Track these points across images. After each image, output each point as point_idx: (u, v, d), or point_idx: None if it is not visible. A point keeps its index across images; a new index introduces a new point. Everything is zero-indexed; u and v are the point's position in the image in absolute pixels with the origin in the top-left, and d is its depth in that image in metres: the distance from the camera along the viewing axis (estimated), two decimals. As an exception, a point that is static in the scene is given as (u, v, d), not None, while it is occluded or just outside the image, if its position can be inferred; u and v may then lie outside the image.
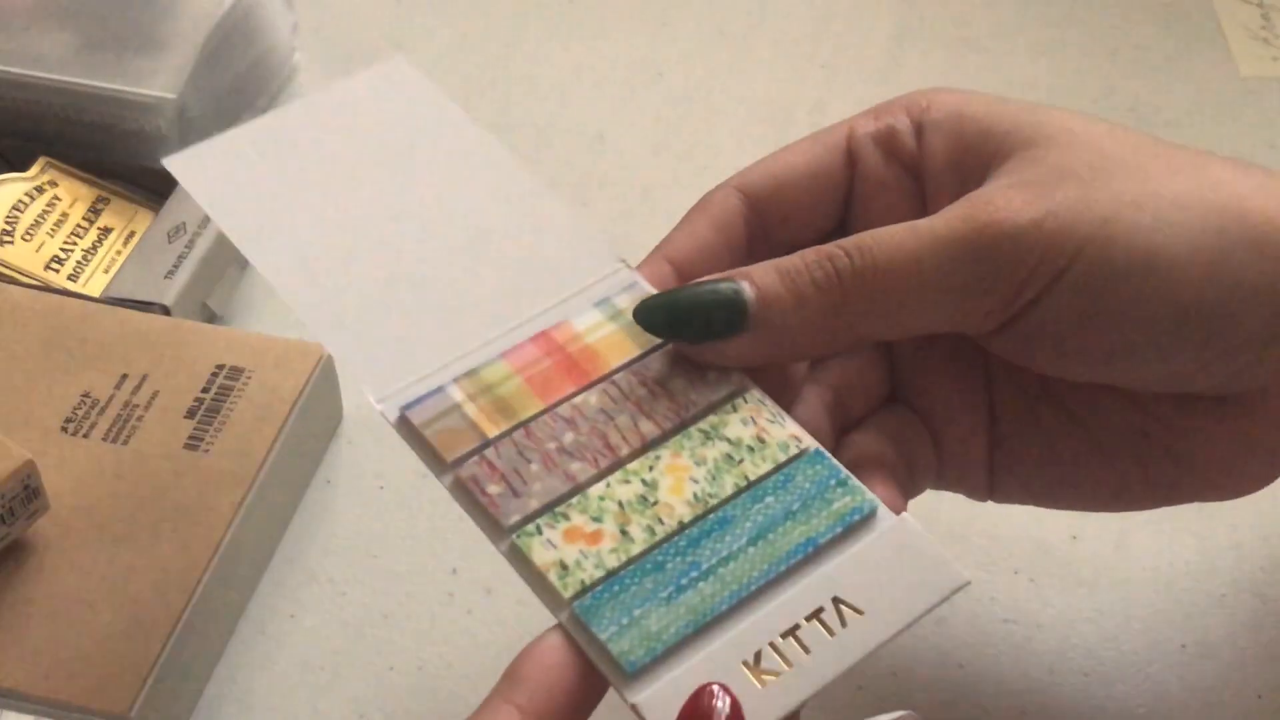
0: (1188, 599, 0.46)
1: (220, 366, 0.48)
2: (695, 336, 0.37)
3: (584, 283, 0.39)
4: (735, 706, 0.32)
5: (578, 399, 0.37)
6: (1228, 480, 0.39)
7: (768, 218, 0.41)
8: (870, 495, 0.35)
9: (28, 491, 0.43)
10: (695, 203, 0.41)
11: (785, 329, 0.36)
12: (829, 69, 0.65)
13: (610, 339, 0.38)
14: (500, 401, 0.37)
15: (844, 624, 0.33)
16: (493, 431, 0.36)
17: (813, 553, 0.34)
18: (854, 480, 0.36)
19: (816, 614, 0.33)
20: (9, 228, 0.53)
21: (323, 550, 0.47)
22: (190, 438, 0.46)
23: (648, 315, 0.37)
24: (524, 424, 0.36)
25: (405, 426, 0.36)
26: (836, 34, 0.66)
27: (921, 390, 0.41)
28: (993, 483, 0.41)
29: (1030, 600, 0.46)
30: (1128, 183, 0.36)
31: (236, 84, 0.59)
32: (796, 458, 0.36)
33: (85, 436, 0.46)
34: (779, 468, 0.36)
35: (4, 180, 0.54)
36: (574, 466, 0.36)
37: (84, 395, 0.47)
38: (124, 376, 0.48)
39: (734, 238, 0.40)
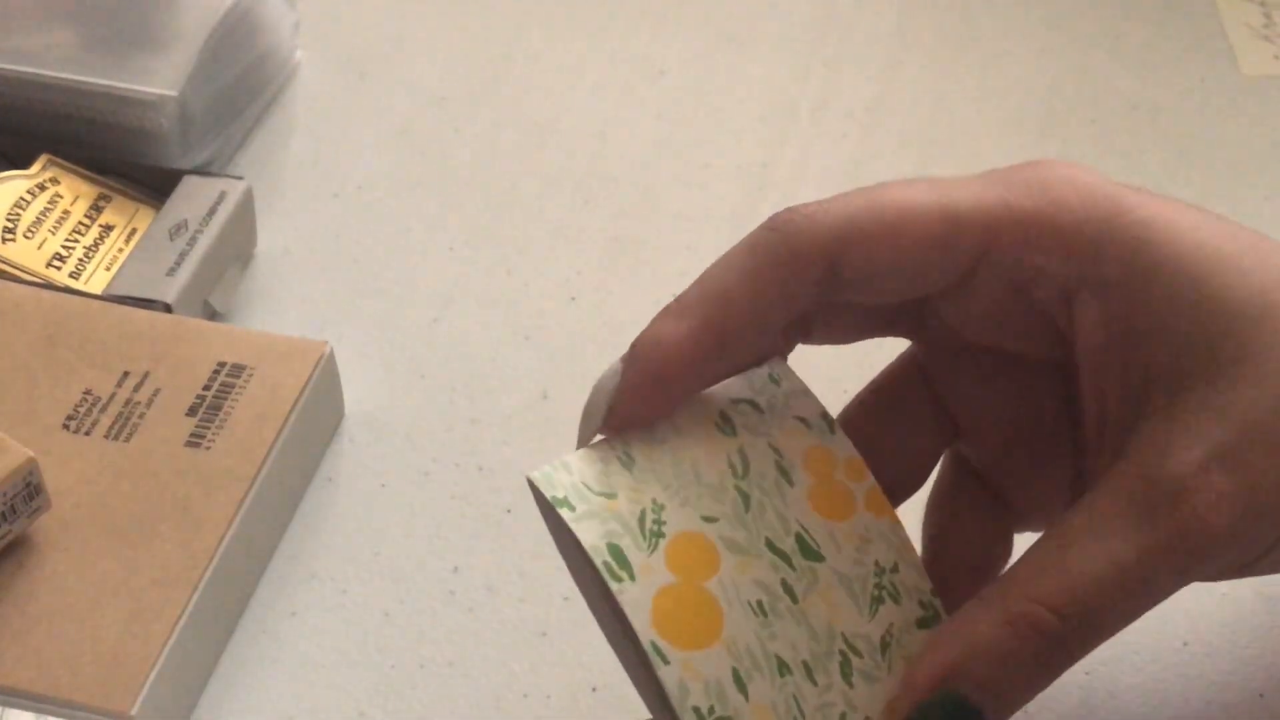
0: (1189, 597, 0.45)
1: (222, 364, 0.48)
2: None
3: None
4: None
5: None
6: None
7: (836, 292, 0.36)
8: None
9: (29, 489, 0.43)
10: (770, 231, 0.36)
11: (1018, 707, 0.34)
12: (830, 68, 0.65)
13: None
14: None
15: None
16: None
17: None
18: None
19: None
20: (10, 225, 0.53)
21: (324, 548, 0.47)
22: (192, 435, 0.46)
23: None
24: None
25: None
26: (838, 33, 0.66)
27: (1008, 484, 0.39)
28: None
29: (1032, 599, 0.46)
30: None
31: (238, 82, 0.59)
32: None
33: (87, 434, 0.46)
34: None
35: (5, 178, 0.54)
36: None
37: (85, 393, 0.47)
38: (125, 374, 0.48)
39: (789, 312, 0.36)
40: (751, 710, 0.33)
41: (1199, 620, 0.45)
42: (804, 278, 0.35)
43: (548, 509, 0.34)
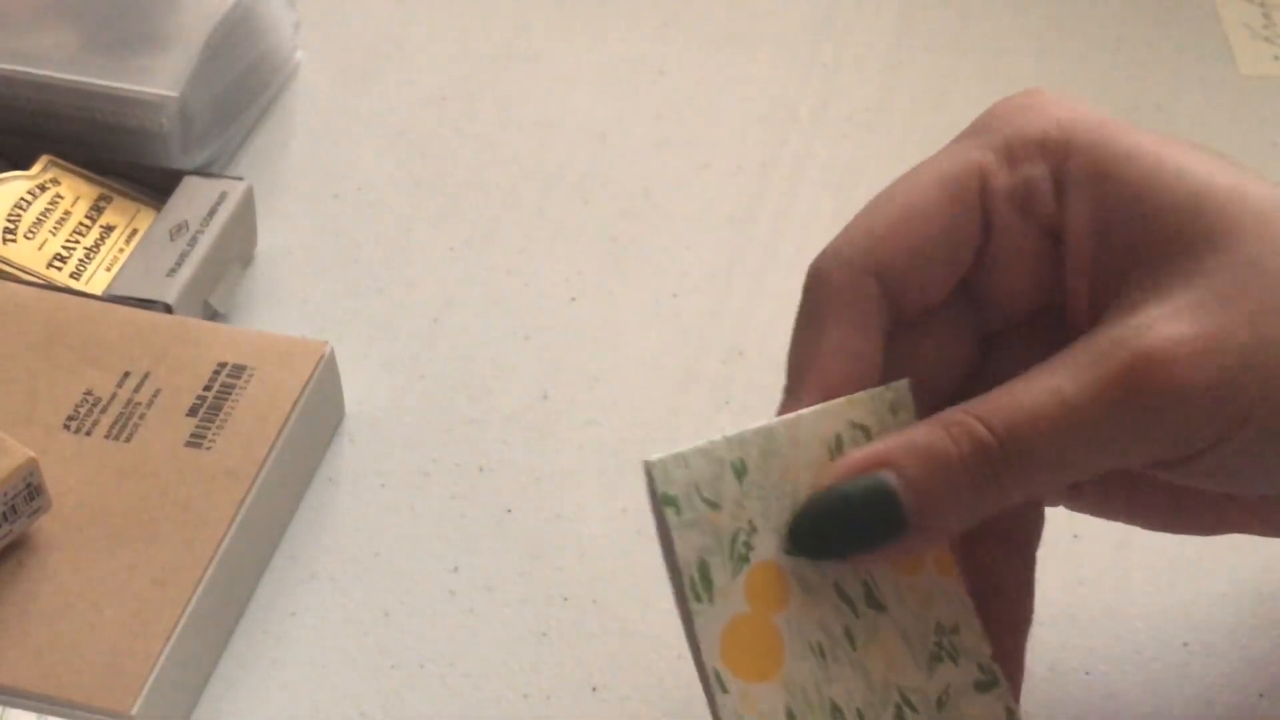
0: (1189, 598, 0.46)
1: (222, 364, 0.48)
2: (848, 549, 0.34)
3: None
4: None
5: None
6: None
7: (898, 296, 0.36)
8: None
9: (30, 489, 0.43)
10: (813, 285, 0.36)
11: (943, 523, 0.34)
12: (830, 68, 0.65)
13: None
14: None
15: None
16: None
17: None
18: None
19: None
20: (11, 226, 0.53)
21: (324, 548, 0.48)
22: (192, 436, 0.46)
23: (796, 543, 0.34)
24: None
25: None
26: (838, 33, 0.66)
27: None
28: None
29: (1031, 599, 0.46)
30: None
31: (238, 82, 0.59)
32: None
33: (88, 434, 0.46)
34: None
35: (6, 178, 0.54)
36: None
37: (86, 393, 0.47)
38: (126, 374, 0.48)
39: (878, 338, 0.36)
40: None
41: (1199, 620, 0.45)
42: (867, 308, 0.35)
43: (656, 507, 0.34)
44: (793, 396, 0.36)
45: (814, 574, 0.35)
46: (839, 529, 0.34)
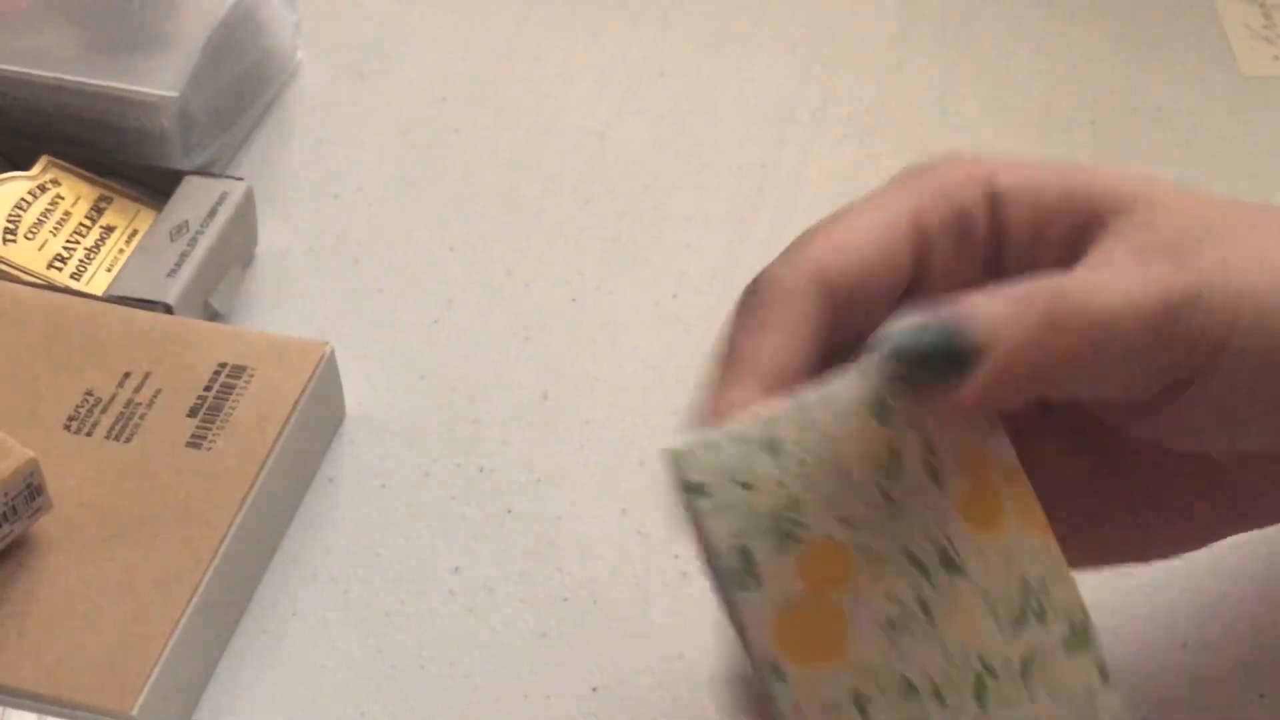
0: (1189, 597, 0.46)
1: (223, 365, 0.48)
2: (934, 375, 0.32)
3: None
4: None
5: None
6: None
7: (839, 315, 0.36)
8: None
9: (30, 490, 0.43)
10: (760, 288, 0.35)
11: (1018, 358, 0.32)
12: (830, 69, 0.65)
13: None
14: None
15: None
16: None
17: None
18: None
19: None
20: (12, 226, 0.53)
21: (325, 549, 0.48)
22: (193, 436, 0.46)
23: (897, 360, 0.32)
24: None
25: None
26: (837, 34, 0.66)
27: None
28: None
29: (1031, 599, 0.46)
30: (1241, 248, 0.34)
31: (238, 82, 0.59)
32: None
33: (88, 435, 0.46)
34: None
35: (6, 179, 0.54)
36: None
37: (87, 393, 0.47)
38: (126, 375, 0.48)
39: (818, 346, 0.35)
40: None
41: (1199, 620, 0.45)
42: (811, 313, 0.35)
43: (681, 493, 0.32)
44: (733, 386, 0.34)
45: (881, 542, 0.32)
46: (927, 350, 0.32)
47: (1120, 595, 0.46)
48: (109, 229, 0.54)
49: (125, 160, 0.56)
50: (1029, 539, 0.33)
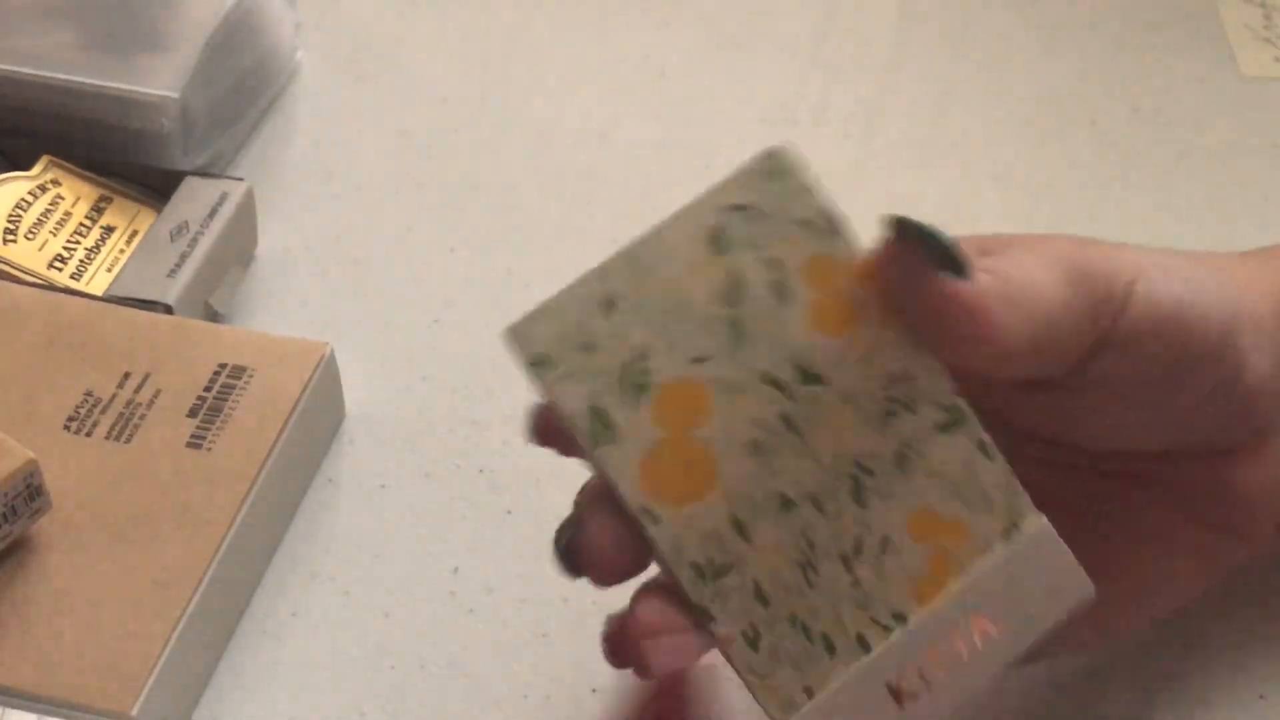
0: (1188, 599, 0.46)
1: (223, 365, 0.48)
2: (937, 256, 0.33)
3: None
4: None
5: None
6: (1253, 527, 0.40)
7: None
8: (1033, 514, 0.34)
9: (30, 490, 0.43)
10: None
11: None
12: (830, 70, 0.65)
13: None
14: None
15: (979, 643, 0.33)
16: None
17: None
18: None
19: (954, 630, 0.33)
20: (12, 226, 0.53)
21: (324, 549, 0.48)
22: (192, 436, 0.46)
23: (902, 225, 0.33)
24: None
25: None
26: (838, 35, 0.66)
27: None
28: None
29: (1031, 600, 0.46)
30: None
31: (239, 83, 0.59)
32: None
33: (88, 435, 0.46)
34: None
35: (7, 179, 0.54)
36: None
37: (86, 394, 0.47)
38: (126, 375, 0.48)
39: None
40: (756, 553, 0.32)
41: (1198, 622, 0.45)
42: None
43: (528, 369, 0.33)
44: None
45: (735, 371, 0.33)
46: (931, 231, 0.33)
47: (1120, 596, 0.46)
48: (109, 229, 0.54)
49: (125, 160, 0.56)
50: (887, 334, 0.33)
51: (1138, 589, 0.40)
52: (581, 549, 0.34)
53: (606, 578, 0.34)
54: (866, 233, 0.40)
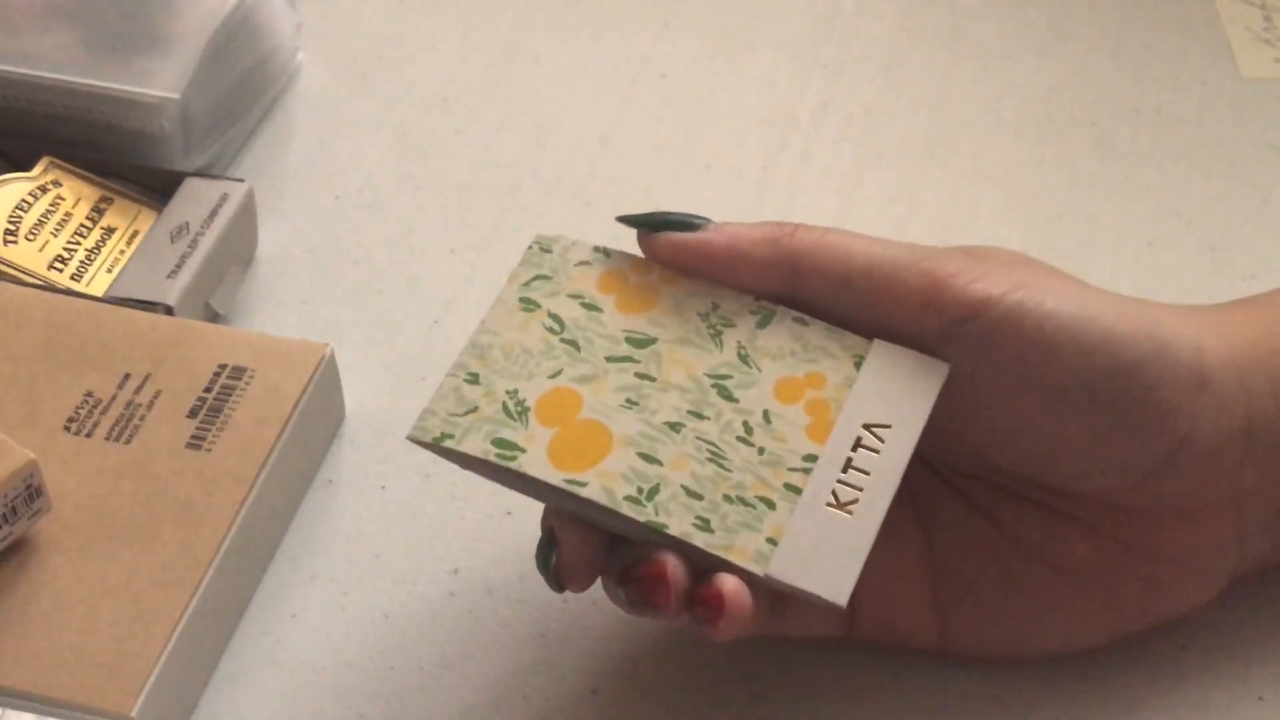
0: (1188, 600, 0.46)
1: (223, 366, 0.48)
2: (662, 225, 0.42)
3: None
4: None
5: None
6: (1189, 587, 0.42)
7: None
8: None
9: (30, 491, 0.43)
10: None
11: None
12: (830, 71, 0.65)
13: None
14: None
15: (882, 440, 0.39)
16: None
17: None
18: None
19: (858, 443, 0.39)
20: (12, 227, 0.53)
21: (324, 550, 0.48)
22: (192, 437, 0.46)
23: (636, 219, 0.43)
24: None
25: None
26: (838, 36, 0.66)
27: None
28: (944, 627, 0.42)
29: (1030, 601, 0.46)
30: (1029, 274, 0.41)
31: (239, 84, 0.59)
32: None
33: (88, 436, 0.46)
34: None
35: (7, 180, 0.54)
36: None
37: (86, 395, 0.47)
38: (126, 376, 0.48)
39: None
40: (672, 467, 0.39)
41: (1198, 622, 0.45)
42: None
43: (443, 451, 0.40)
44: None
45: (585, 368, 0.40)
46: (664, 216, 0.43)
47: (1119, 597, 0.46)
48: (110, 230, 0.54)
49: (126, 161, 0.56)
50: (682, 288, 0.42)
51: (1039, 609, 0.42)
52: (564, 569, 0.40)
53: (587, 585, 0.40)
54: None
